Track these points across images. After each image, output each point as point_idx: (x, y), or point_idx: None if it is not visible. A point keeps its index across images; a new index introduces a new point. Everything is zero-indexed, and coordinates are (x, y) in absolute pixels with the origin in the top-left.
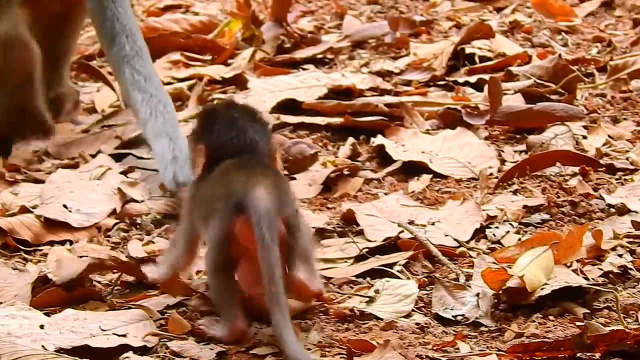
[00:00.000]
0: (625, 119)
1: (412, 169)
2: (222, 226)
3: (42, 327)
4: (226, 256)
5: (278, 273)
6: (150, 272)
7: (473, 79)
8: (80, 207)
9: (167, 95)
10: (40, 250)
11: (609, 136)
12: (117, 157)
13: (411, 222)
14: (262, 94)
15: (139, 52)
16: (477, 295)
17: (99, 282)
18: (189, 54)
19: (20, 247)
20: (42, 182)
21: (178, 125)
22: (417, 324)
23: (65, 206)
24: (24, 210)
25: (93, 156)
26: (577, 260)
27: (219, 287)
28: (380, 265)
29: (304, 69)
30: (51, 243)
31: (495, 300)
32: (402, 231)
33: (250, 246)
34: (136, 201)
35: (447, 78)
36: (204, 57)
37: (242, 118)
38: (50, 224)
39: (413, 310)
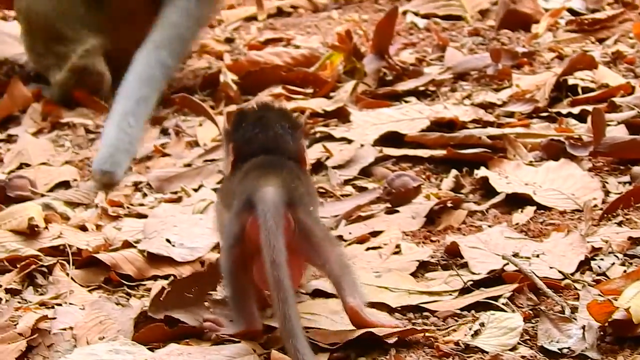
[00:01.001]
0: None
1: (516, 201)
2: (234, 224)
3: None
4: (240, 255)
5: (282, 258)
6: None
7: (576, 110)
8: (184, 241)
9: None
10: (144, 285)
11: None
12: None
13: (515, 255)
14: (365, 126)
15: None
16: (583, 327)
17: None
18: (291, 87)
19: (124, 282)
20: (145, 216)
21: (141, 128)
22: (522, 357)
23: (168, 240)
24: (127, 245)
25: (195, 190)
26: None
27: (233, 287)
28: (485, 298)
29: (406, 102)
30: (154, 277)
31: (601, 333)
32: (507, 263)
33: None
34: None
35: (549, 109)
36: (305, 90)
37: (270, 117)
38: (154, 259)
39: (519, 343)
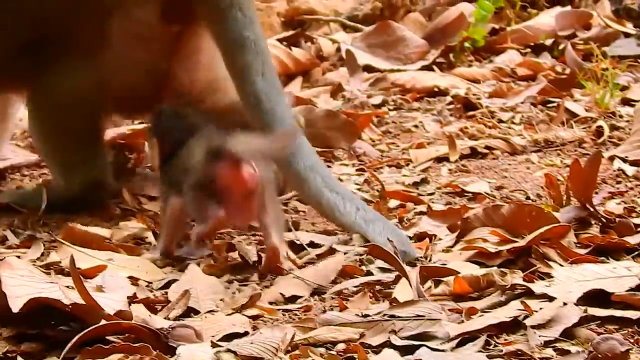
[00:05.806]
0: None
1: None
2: (202, 170)
3: None
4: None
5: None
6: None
7: None
8: None
9: None
10: None
11: None
12: None
13: None
14: (568, 283)
15: None
16: None
17: None
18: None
19: None
20: None
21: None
22: None
23: None
24: None
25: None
26: None
27: (195, 201)
28: None
29: (613, 258)
30: None
31: None
32: None
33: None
34: None
35: None
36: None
37: (183, 112)
38: None
39: None
